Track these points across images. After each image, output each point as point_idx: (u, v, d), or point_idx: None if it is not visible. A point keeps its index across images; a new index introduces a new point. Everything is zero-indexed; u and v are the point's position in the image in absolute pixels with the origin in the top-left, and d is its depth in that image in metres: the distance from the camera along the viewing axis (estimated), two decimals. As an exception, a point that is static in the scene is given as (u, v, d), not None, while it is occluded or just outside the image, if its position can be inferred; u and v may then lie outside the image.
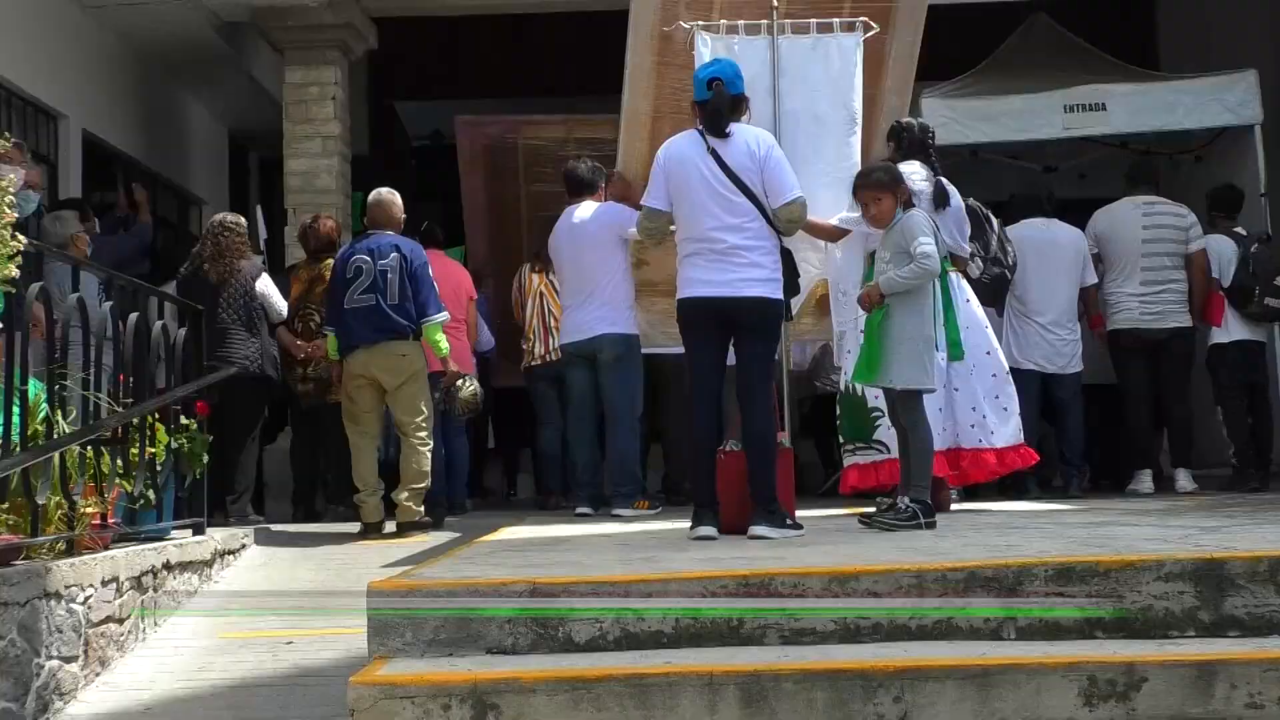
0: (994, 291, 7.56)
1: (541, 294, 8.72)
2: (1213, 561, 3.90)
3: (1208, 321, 8.38)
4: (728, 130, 5.58)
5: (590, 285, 7.72)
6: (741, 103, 5.73)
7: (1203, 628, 3.85)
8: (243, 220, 8.08)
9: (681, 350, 5.86)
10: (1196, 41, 11.34)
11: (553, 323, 8.47)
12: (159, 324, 5.65)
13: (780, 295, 5.61)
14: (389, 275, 7.15)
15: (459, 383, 7.53)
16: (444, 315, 7.29)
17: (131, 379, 5.22)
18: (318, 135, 9.15)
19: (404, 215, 7.51)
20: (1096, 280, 8.41)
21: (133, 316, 5.32)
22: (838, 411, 7.03)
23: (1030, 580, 3.90)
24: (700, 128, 5.66)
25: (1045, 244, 8.21)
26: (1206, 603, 3.87)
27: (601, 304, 7.70)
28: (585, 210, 7.84)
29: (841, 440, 7.01)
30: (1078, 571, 3.90)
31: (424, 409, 7.26)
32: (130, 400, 5.10)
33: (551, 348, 8.45)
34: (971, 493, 7.45)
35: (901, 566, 3.96)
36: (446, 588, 3.96)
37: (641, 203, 5.84)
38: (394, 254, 7.19)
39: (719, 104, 5.59)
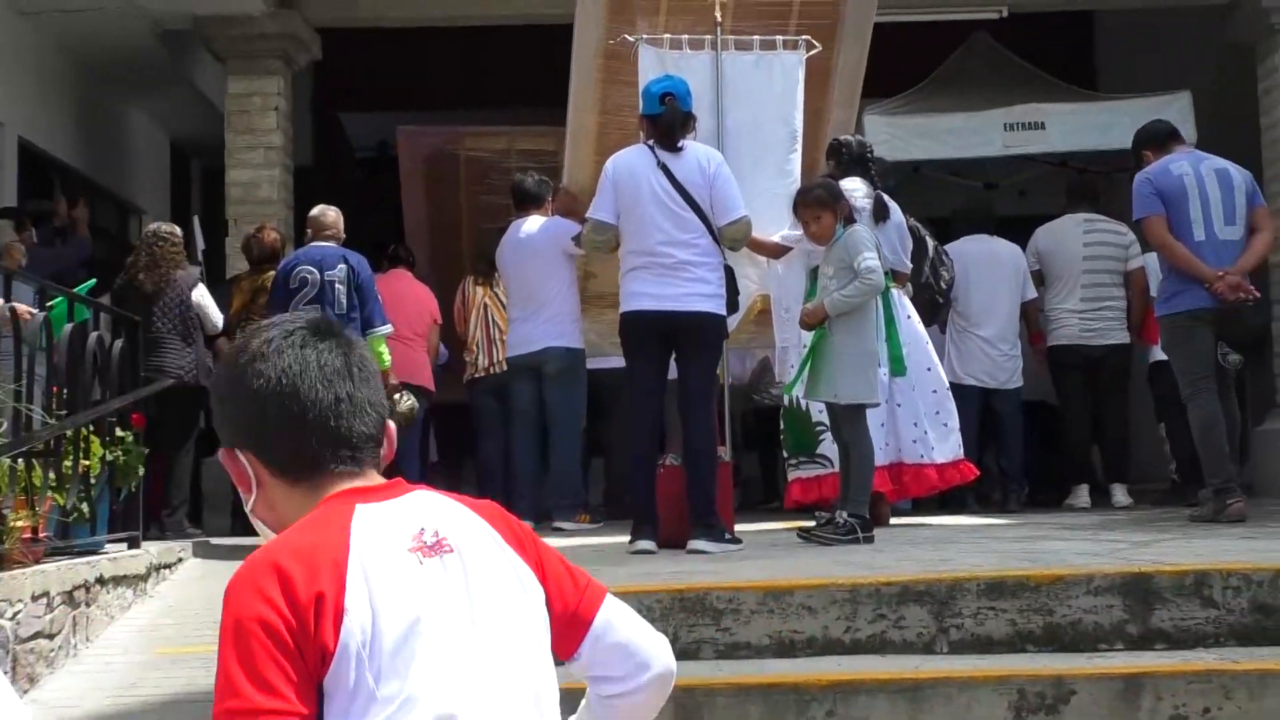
0: (925, 314, 7.64)
1: (485, 306, 8.70)
2: (1140, 575, 3.97)
3: (1145, 339, 8.49)
4: (680, 145, 5.60)
5: (537, 298, 7.72)
6: (691, 120, 5.76)
7: (1130, 641, 3.91)
8: (178, 230, 8.01)
9: (624, 363, 5.88)
10: (1133, 63, 11.51)
11: (497, 334, 8.45)
12: (94, 335, 5.59)
13: (724, 311, 5.64)
14: (337, 286, 7.12)
15: (396, 396, 7.51)
16: (388, 328, 7.27)
17: (65, 390, 5.15)
18: (260, 146, 9.07)
19: (343, 231, 7.49)
20: (1036, 295, 8.51)
21: (67, 326, 5.26)
22: (781, 426, 7.07)
23: (962, 595, 3.95)
24: (649, 142, 5.68)
25: (986, 259, 8.30)
26: (1134, 616, 3.93)
27: (548, 318, 7.70)
28: (532, 224, 7.85)
29: (785, 454, 7.05)
30: (1009, 586, 3.95)
31: (364, 421, 7.20)
32: (64, 412, 5.04)
33: (495, 360, 8.43)
34: (915, 506, 7.52)
35: (836, 581, 4.00)
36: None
37: (588, 215, 5.84)
38: (341, 265, 7.16)
39: (673, 119, 5.62)
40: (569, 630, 1.81)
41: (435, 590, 1.64)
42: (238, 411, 1.78)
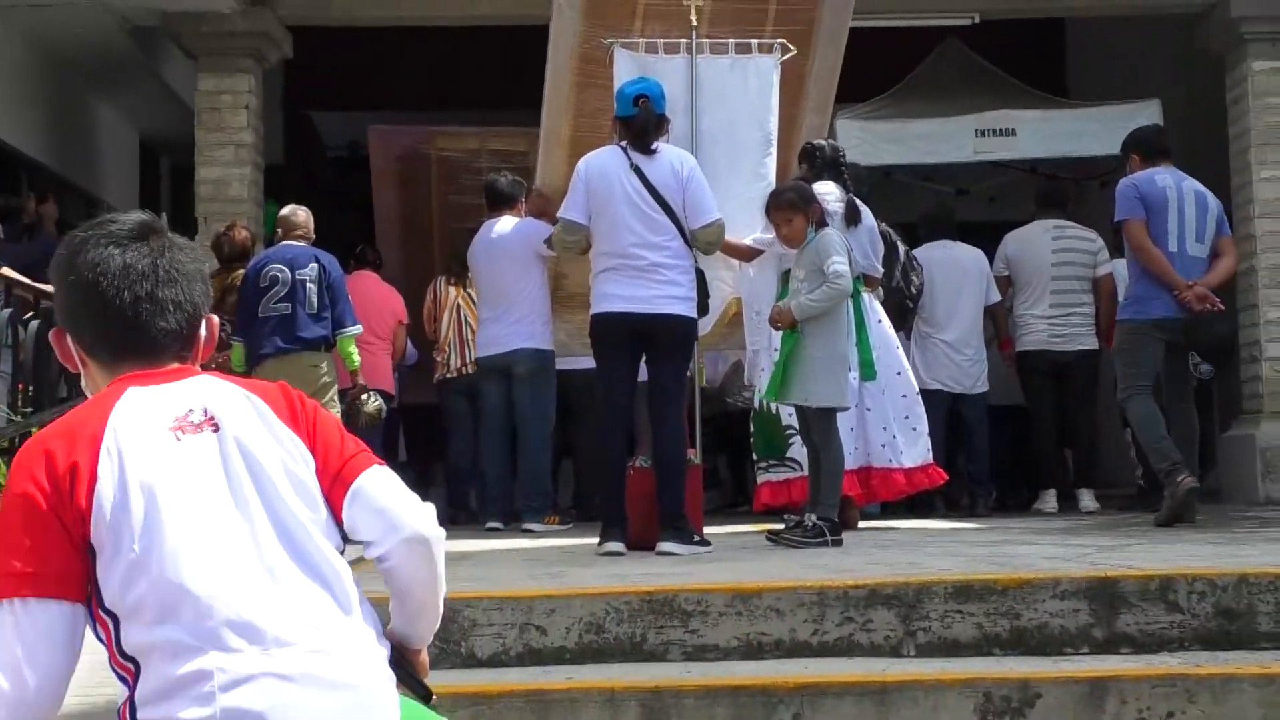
0: (894, 318, 7.67)
1: (459, 306, 8.68)
2: (1106, 580, 3.98)
3: (1113, 345, 8.54)
4: (653, 147, 5.61)
5: (507, 299, 7.71)
6: (664, 123, 5.77)
7: (1096, 645, 3.92)
8: (143, 226, 7.96)
9: (594, 364, 5.87)
10: (1104, 71, 11.60)
11: (469, 335, 8.44)
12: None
13: (695, 314, 5.65)
14: (308, 285, 7.10)
15: (364, 397, 7.48)
16: (358, 328, 7.25)
17: (31, 388, 5.11)
18: (230, 143, 9.02)
19: (313, 231, 7.47)
20: (1000, 299, 8.55)
21: (34, 324, 5.22)
22: (751, 429, 7.08)
23: (930, 598, 3.95)
24: (622, 143, 5.68)
25: (949, 264, 8.33)
26: (1100, 620, 3.95)
27: (518, 318, 7.69)
28: (504, 224, 7.83)
29: (755, 457, 7.06)
30: (976, 589, 3.96)
31: (331, 421, 7.19)
32: (30, 409, 5.00)
33: (468, 360, 8.41)
34: (884, 510, 7.55)
35: (804, 584, 4.00)
36: (348, 602, 3.92)
37: (559, 215, 5.83)
38: (313, 264, 7.14)
39: (646, 121, 5.62)
40: (334, 493, 1.95)
41: (189, 466, 1.84)
42: (59, 298, 2.01)
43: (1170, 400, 6.61)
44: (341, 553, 1.97)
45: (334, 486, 1.95)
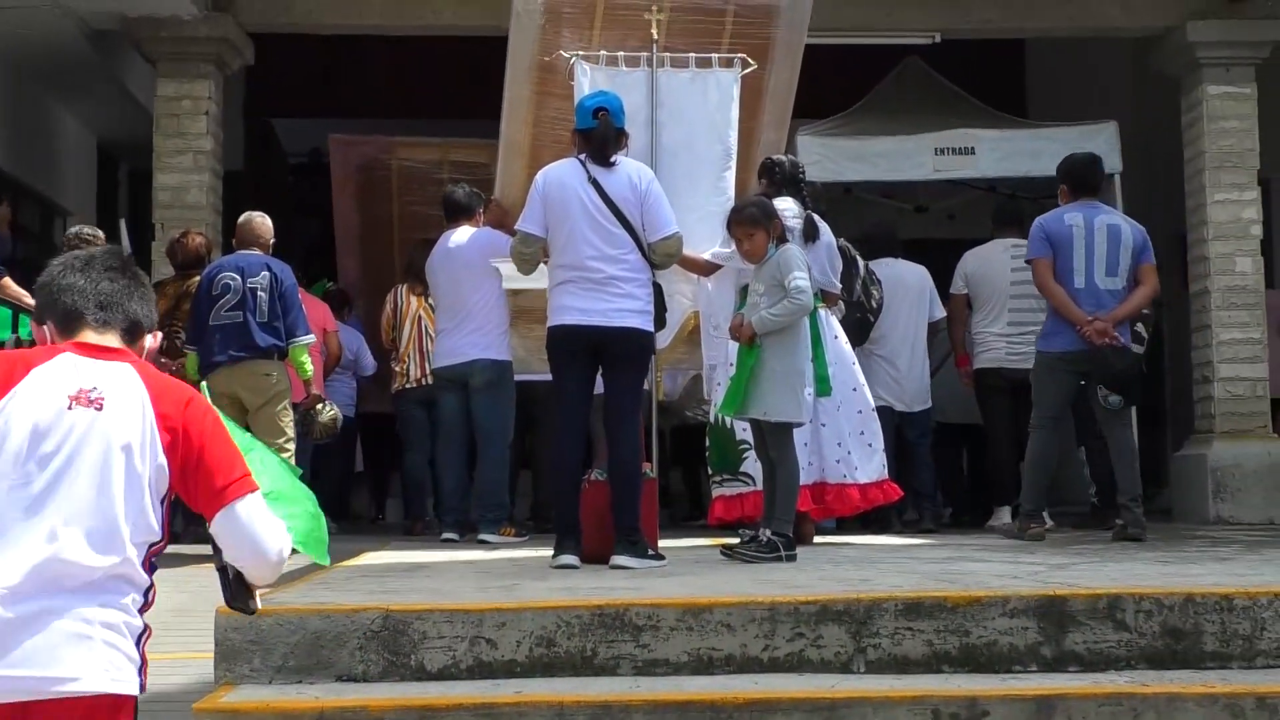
0: (854, 333, 7.70)
1: (420, 317, 8.66)
2: (1055, 598, 4.01)
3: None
4: (612, 160, 5.61)
5: (465, 310, 7.69)
6: (623, 136, 5.77)
7: (1044, 663, 3.95)
8: (101, 233, 7.89)
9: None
10: (1063, 92, 11.70)
11: (429, 345, 8.41)
12: (11, 337, 5.50)
13: (652, 327, 5.65)
14: (259, 293, 7.07)
15: (319, 406, 7.45)
16: (311, 338, 7.24)
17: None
18: (189, 150, 8.96)
19: (273, 239, 7.43)
20: (943, 315, 8.58)
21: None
22: (707, 443, 7.08)
23: (880, 615, 3.97)
24: (581, 156, 5.68)
25: (889, 281, 8.35)
26: (1049, 638, 3.97)
27: (475, 329, 7.67)
28: (462, 235, 7.82)
29: (710, 471, 7.06)
30: (926, 606, 3.97)
31: (287, 430, 7.17)
32: None
33: (428, 371, 8.39)
34: (839, 525, 7.57)
35: (755, 599, 4.00)
36: (297, 613, 3.90)
37: (516, 226, 5.82)
38: (264, 273, 7.11)
39: (606, 133, 5.63)
40: (210, 502, 2.44)
41: (68, 428, 2.33)
42: (39, 299, 2.61)
43: (1102, 425, 6.97)
44: (165, 529, 2.45)
45: (212, 499, 2.45)
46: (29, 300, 7.20)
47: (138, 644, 2.38)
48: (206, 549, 7.67)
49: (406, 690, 3.72)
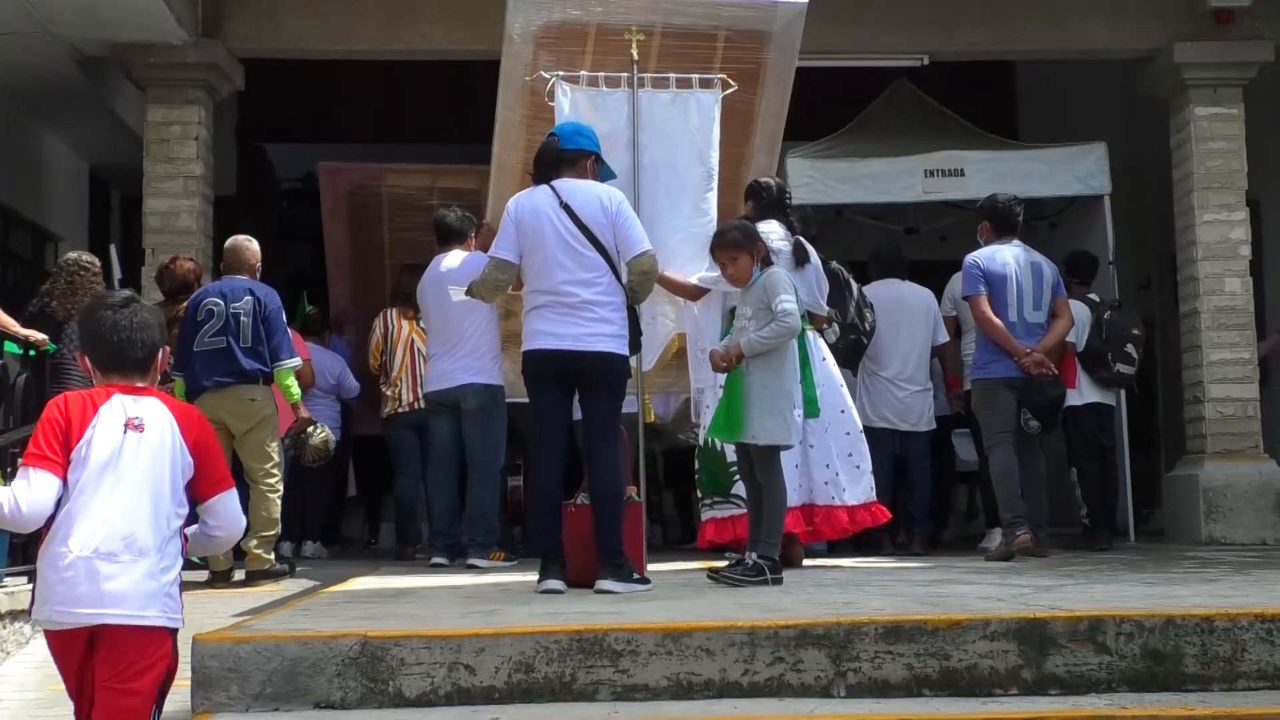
0: (848, 355, 7.69)
1: (413, 341, 8.67)
2: (1036, 621, 3.99)
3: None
4: (558, 177, 5.62)
5: (456, 334, 7.69)
6: (585, 159, 5.74)
7: (1025, 686, 3.93)
8: (97, 261, 7.92)
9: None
10: (1053, 113, 11.72)
11: (422, 369, 8.40)
12: (-1, 363, 5.51)
13: (626, 351, 5.64)
14: (242, 318, 7.08)
15: (309, 429, 7.43)
16: (296, 361, 7.23)
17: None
18: (179, 175, 8.96)
19: (259, 263, 7.43)
20: (949, 339, 8.60)
21: (21, 377, 5.17)
22: (696, 465, 7.08)
23: (861, 638, 3.95)
24: (552, 183, 5.68)
25: (893, 302, 8.38)
26: (1029, 661, 3.95)
27: (466, 353, 7.67)
28: (453, 259, 7.82)
29: (700, 494, 7.05)
30: (906, 630, 3.96)
31: (273, 455, 7.16)
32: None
33: (419, 395, 8.38)
34: (830, 548, 7.56)
35: (734, 624, 3.98)
36: (274, 640, 3.89)
37: (490, 254, 5.83)
38: (248, 297, 7.11)
39: (545, 152, 5.67)
40: (202, 492, 3.31)
41: (123, 447, 3.22)
42: (82, 338, 3.55)
43: (1018, 450, 7.32)
44: (186, 517, 3.30)
45: (205, 490, 3.32)
46: (16, 327, 7.21)
47: (179, 590, 3.26)
48: (195, 575, 7.66)
49: (384, 717, 3.70)
